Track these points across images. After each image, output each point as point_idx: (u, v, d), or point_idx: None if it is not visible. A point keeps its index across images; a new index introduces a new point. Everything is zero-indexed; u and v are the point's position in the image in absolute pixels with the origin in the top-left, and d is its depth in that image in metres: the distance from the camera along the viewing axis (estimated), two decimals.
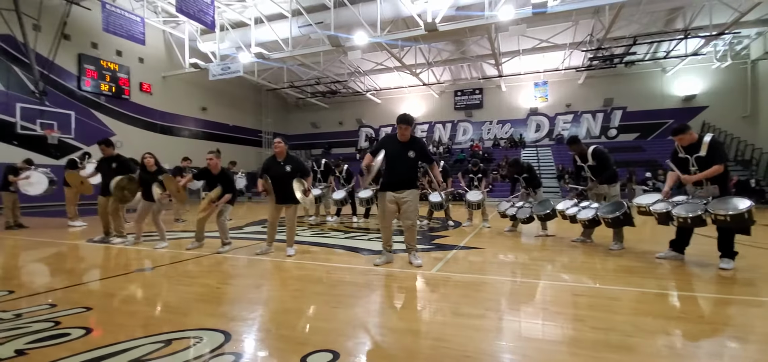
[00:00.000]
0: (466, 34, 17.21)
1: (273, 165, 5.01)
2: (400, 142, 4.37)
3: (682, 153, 4.32)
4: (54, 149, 14.84)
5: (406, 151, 4.32)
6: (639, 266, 4.30)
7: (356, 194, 8.97)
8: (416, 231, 4.50)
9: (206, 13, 14.50)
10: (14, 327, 2.51)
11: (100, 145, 6.27)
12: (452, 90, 25.20)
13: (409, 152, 4.31)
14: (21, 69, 14.15)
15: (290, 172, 4.93)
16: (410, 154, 4.31)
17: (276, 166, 4.98)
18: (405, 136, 4.33)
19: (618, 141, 21.75)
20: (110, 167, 6.13)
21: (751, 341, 2.37)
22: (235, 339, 2.32)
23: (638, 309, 2.93)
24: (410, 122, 4.33)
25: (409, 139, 4.36)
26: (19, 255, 5.47)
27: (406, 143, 4.35)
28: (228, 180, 5.47)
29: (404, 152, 4.31)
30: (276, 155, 5.04)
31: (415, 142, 4.39)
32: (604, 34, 15.08)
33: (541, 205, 6.38)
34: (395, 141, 4.39)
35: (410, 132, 4.35)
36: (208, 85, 20.57)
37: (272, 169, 4.98)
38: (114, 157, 6.23)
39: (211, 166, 5.43)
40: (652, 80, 21.59)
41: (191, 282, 3.79)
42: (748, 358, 2.17)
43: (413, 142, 4.38)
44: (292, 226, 5.09)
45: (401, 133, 4.34)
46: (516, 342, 2.34)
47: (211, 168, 5.43)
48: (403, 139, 4.34)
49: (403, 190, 4.31)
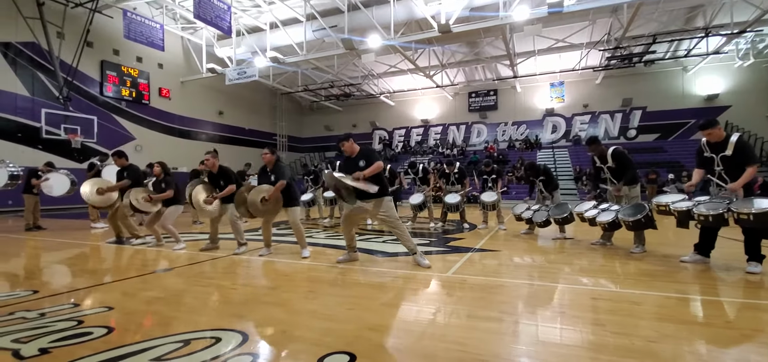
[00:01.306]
0: (481, 35, 17.10)
1: (262, 174, 5.28)
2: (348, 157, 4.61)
3: (708, 152, 4.18)
4: (77, 153, 15.32)
5: (356, 162, 4.48)
6: (662, 270, 4.18)
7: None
8: (408, 234, 4.60)
9: (223, 19, 14.77)
10: (38, 326, 2.58)
11: (113, 156, 6.62)
12: (466, 91, 25.04)
13: (360, 162, 4.46)
14: (46, 75, 14.67)
15: (274, 181, 5.08)
16: (360, 163, 4.45)
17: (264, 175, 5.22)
18: (350, 150, 4.57)
19: (638, 142, 21.24)
20: (122, 177, 6.40)
21: None
22: (252, 339, 2.33)
23: (661, 313, 2.84)
24: (346, 138, 4.59)
25: (358, 151, 4.58)
26: (42, 256, 5.65)
27: (354, 157, 4.55)
28: (227, 176, 5.60)
29: (354, 165, 4.48)
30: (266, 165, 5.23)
31: (361, 152, 4.58)
32: (623, 33, 14.78)
33: (558, 208, 6.26)
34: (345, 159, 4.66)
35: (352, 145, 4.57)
36: (224, 90, 20.93)
37: (261, 178, 5.23)
38: (126, 167, 6.50)
39: (208, 165, 5.60)
40: (672, 79, 21.04)
41: (208, 283, 3.84)
42: None
43: (360, 154, 4.56)
44: (297, 229, 5.16)
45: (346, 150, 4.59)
46: (534, 346, 2.29)
47: (210, 167, 5.59)
48: (351, 153, 4.57)
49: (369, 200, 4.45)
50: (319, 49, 17.39)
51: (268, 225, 5.29)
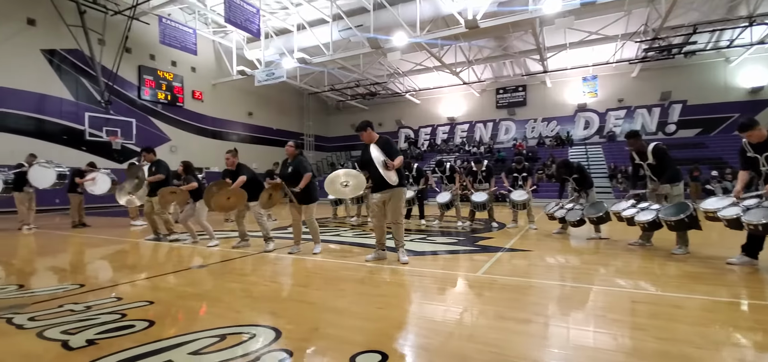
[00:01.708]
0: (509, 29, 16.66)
1: (282, 166, 5.45)
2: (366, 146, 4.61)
3: (751, 152, 3.92)
4: (117, 154, 16.13)
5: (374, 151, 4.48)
6: (706, 272, 3.94)
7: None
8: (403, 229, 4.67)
9: (252, 22, 15.14)
10: (85, 319, 2.72)
11: (143, 152, 6.97)
12: (494, 88, 24.57)
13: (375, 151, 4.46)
14: (88, 81, 15.51)
15: (290, 173, 5.16)
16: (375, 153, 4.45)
17: (284, 168, 5.37)
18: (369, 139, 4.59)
19: (677, 137, 20.17)
20: (150, 172, 6.72)
21: None
22: (285, 336, 2.37)
23: (707, 318, 2.68)
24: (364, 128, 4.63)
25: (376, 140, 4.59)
26: (86, 251, 5.97)
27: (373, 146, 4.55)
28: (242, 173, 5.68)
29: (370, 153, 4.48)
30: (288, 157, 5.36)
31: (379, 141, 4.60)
32: (661, 23, 14.05)
33: (593, 207, 6.03)
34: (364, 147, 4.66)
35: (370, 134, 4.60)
36: (254, 91, 21.47)
37: (281, 170, 5.40)
38: (155, 162, 6.82)
39: (228, 163, 5.77)
40: (714, 71, 19.84)
41: (241, 280, 3.94)
42: None
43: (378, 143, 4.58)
44: (312, 225, 5.28)
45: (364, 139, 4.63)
46: (573, 351, 2.20)
47: (228, 165, 5.76)
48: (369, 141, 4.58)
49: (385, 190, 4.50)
50: (345, 49, 17.52)
51: (299, 223, 5.36)
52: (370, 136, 4.61)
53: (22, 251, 6.06)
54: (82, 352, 2.16)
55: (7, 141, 13.10)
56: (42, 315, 2.79)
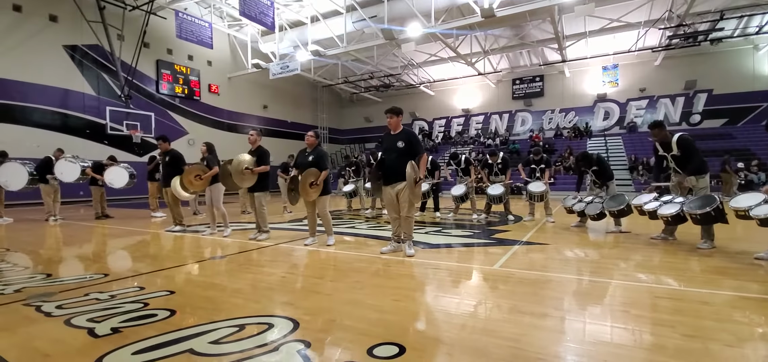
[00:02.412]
0: (526, 18, 16.31)
1: (300, 155, 5.41)
2: (389, 133, 4.53)
3: None
4: (137, 147, 16.51)
5: (396, 141, 4.43)
6: (733, 267, 3.81)
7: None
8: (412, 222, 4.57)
9: (266, 15, 15.19)
10: (110, 307, 2.79)
11: (158, 140, 7.19)
12: (510, 78, 24.15)
13: (399, 143, 4.41)
14: (109, 76, 15.86)
15: (310, 162, 5.16)
16: (399, 144, 4.40)
17: (302, 156, 5.34)
18: (395, 126, 4.50)
19: (702, 127, 19.49)
20: (164, 161, 6.93)
21: None
22: (303, 327, 2.39)
23: (735, 315, 2.59)
24: (397, 113, 4.53)
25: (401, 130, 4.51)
26: (109, 242, 6.14)
27: (395, 134, 4.49)
28: (262, 154, 5.76)
29: (394, 143, 4.43)
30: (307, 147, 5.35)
31: (403, 132, 4.52)
32: (687, 9, 13.55)
33: (613, 200, 5.89)
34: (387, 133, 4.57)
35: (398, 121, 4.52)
36: (268, 84, 21.62)
37: (299, 159, 5.37)
38: (168, 152, 7.02)
39: (250, 141, 5.83)
40: (741, 59, 19.03)
41: (259, 271, 4.00)
42: None
43: (402, 134, 4.49)
44: (325, 217, 5.29)
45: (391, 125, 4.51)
46: (591, 345, 2.16)
47: (250, 143, 5.82)
48: (395, 128, 4.49)
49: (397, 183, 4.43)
50: (359, 41, 17.45)
51: (313, 214, 5.39)
52: (397, 124, 4.54)
53: (50, 241, 6.27)
54: (107, 340, 2.22)
55: (33, 135, 13.53)
56: (69, 303, 2.89)
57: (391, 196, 4.55)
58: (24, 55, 13.52)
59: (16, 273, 3.98)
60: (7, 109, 13.17)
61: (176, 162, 6.99)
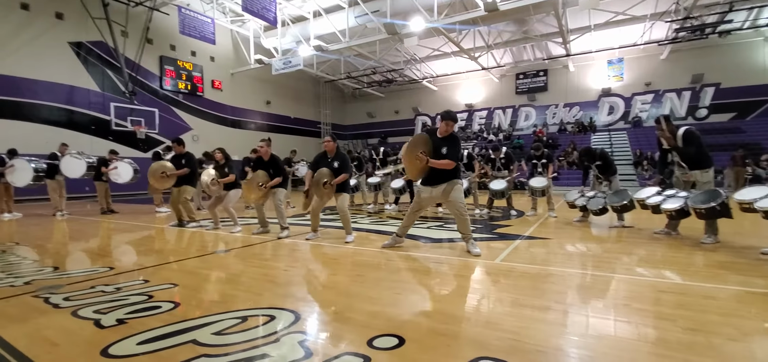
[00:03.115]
0: (530, 12, 16.19)
1: (321, 160, 5.37)
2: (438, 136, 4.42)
3: None
4: (142, 143, 16.61)
5: (440, 146, 4.34)
6: (738, 262, 3.79)
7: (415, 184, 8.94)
8: (468, 220, 4.41)
9: (269, 10, 15.18)
10: (115, 299, 2.83)
11: (173, 143, 7.07)
12: (513, 73, 23.99)
13: (443, 149, 4.33)
14: (113, 72, 15.94)
15: (337, 168, 5.19)
16: (443, 151, 4.32)
17: (324, 162, 5.32)
18: (445, 131, 4.38)
19: (709, 122, 19.25)
20: (180, 163, 6.83)
21: None
22: (304, 318, 2.41)
23: (740, 310, 2.58)
24: (453, 118, 4.42)
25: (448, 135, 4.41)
26: (114, 236, 6.20)
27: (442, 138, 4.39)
28: (277, 165, 5.79)
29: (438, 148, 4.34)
30: (327, 152, 5.35)
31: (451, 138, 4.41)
32: (694, 1, 13.35)
33: (616, 195, 5.86)
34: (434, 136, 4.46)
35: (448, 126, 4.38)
36: (271, 80, 21.63)
37: (320, 164, 5.31)
38: (183, 155, 6.93)
39: (261, 153, 5.79)
40: (751, 51, 18.74)
41: (261, 265, 4.03)
42: None
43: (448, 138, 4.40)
44: (344, 215, 5.25)
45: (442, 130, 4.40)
46: (592, 339, 2.16)
47: (263, 155, 5.79)
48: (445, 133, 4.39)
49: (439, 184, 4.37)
50: (361, 36, 17.40)
51: (317, 211, 5.41)
52: (447, 130, 4.40)
53: (57, 235, 6.35)
54: (113, 330, 2.26)
55: (41, 132, 13.64)
56: (76, 296, 2.93)
57: (428, 198, 4.51)
58: (32, 52, 13.62)
59: (25, 267, 4.03)
60: (17, 106, 13.30)
61: (192, 164, 6.92)
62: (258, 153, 5.88)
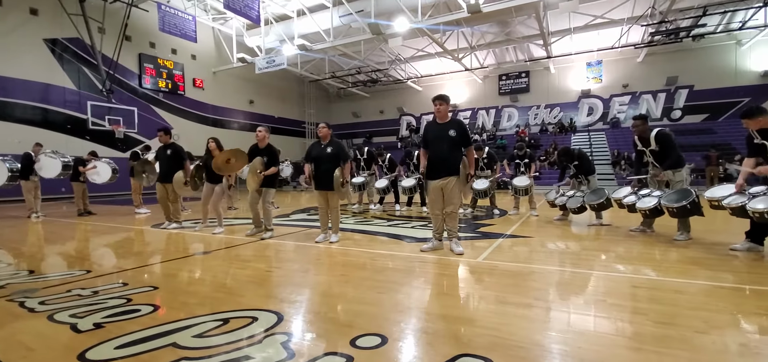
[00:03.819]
0: (512, 14, 16.47)
1: (315, 147, 5.18)
2: (436, 121, 4.28)
3: (759, 138, 3.89)
4: (120, 143, 16.19)
5: (447, 130, 4.17)
6: (709, 258, 3.95)
7: (399, 183, 8.99)
8: (458, 218, 4.41)
9: (251, 8, 15.00)
10: (92, 303, 2.77)
11: (159, 132, 6.82)
12: (496, 74, 24.35)
13: (451, 131, 4.15)
14: (90, 69, 15.49)
15: (331, 154, 5.00)
16: (451, 133, 4.14)
17: (318, 148, 5.12)
18: (443, 116, 4.23)
19: (683, 123, 19.97)
20: (165, 154, 6.62)
21: None
22: (286, 320, 2.41)
23: (708, 303, 2.69)
24: (446, 100, 4.23)
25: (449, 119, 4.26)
26: (92, 239, 6.04)
27: (445, 123, 4.25)
28: (273, 154, 5.55)
29: (445, 132, 4.17)
30: (321, 138, 5.16)
31: (454, 122, 4.28)
32: (669, 6, 13.80)
33: (594, 194, 6.02)
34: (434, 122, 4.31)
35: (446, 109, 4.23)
36: (254, 79, 21.39)
37: (314, 151, 5.15)
38: (169, 145, 6.71)
39: (259, 138, 5.58)
40: (724, 54, 19.51)
41: (244, 266, 3.99)
42: None
43: (452, 123, 4.26)
44: (336, 214, 5.19)
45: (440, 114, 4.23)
46: (572, 334, 2.23)
47: (259, 141, 5.57)
48: (443, 118, 4.25)
49: (447, 177, 4.22)
50: (345, 35, 17.37)
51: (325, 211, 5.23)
52: (446, 113, 4.22)
53: (32, 238, 6.14)
54: (90, 335, 2.21)
55: (14, 131, 13.16)
56: (52, 299, 2.85)
57: (438, 190, 4.28)
58: (5, 49, 13.13)
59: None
60: None
61: (178, 156, 6.66)
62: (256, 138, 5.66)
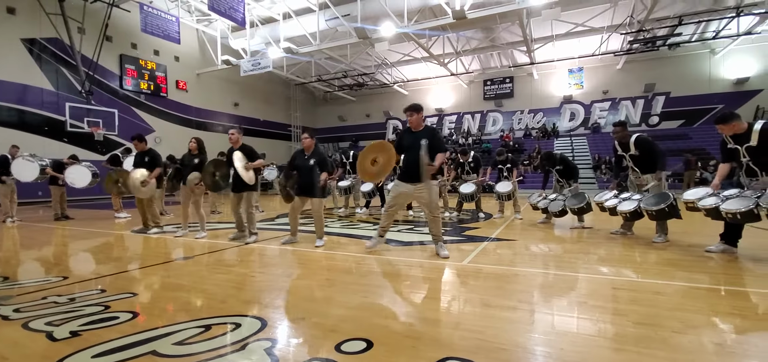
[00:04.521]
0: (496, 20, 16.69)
1: (298, 156, 5.23)
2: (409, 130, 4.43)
3: (732, 143, 4.04)
4: (100, 146, 15.77)
5: (419, 139, 4.28)
6: (686, 259, 4.07)
7: (385, 186, 8.99)
8: (440, 222, 4.47)
9: (237, 10, 14.86)
10: (69, 311, 2.68)
11: (133, 140, 6.67)
12: (481, 79, 24.67)
13: (422, 140, 4.26)
14: (69, 70, 15.08)
15: (313, 166, 5.05)
16: (423, 142, 4.25)
17: (300, 158, 5.17)
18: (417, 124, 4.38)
19: (660, 128, 20.61)
20: (143, 161, 6.48)
21: None
22: (271, 325, 2.38)
23: (686, 304, 2.77)
24: (418, 110, 4.39)
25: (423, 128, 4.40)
26: (70, 244, 5.86)
27: (418, 132, 4.38)
28: (250, 150, 5.59)
29: (417, 141, 4.28)
30: (304, 149, 5.19)
31: (426, 130, 4.40)
32: (646, 15, 14.23)
33: (575, 198, 6.14)
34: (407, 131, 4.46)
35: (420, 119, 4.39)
36: (239, 81, 21.14)
37: (297, 161, 5.20)
38: (146, 152, 6.59)
39: (232, 140, 5.61)
40: (699, 63, 20.24)
41: (227, 271, 3.92)
42: None
43: (425, 131, 4.38)
44: (319, 218, 5.17)
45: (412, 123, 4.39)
46: (554, 336, 2.26)
47: (233, 143, 5.60)
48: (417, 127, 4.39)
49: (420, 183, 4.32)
50: (332, 39, 17.35)
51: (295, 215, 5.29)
52: (418, 121, 4.36)
53: (7, 243, 5.92)
54: (66, 343, 2.14)
55: None
56: (27, 307, 2.76)
57: (406, 196, 4.43)
58: None
59: None
60: None
61: (155, 162, 6.54)
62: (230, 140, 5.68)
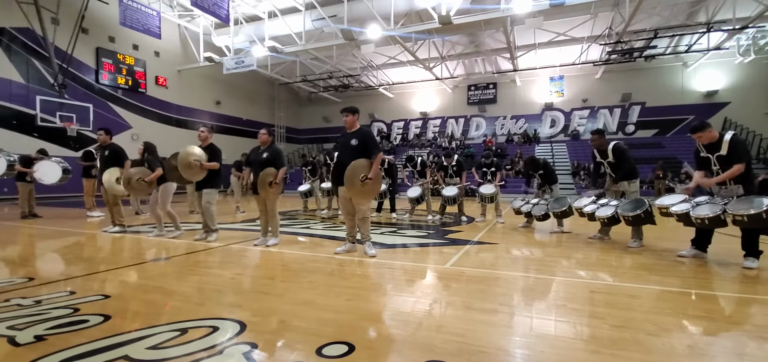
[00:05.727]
0: (481, 27, 16.99)
1: (253, 152, 5.28)
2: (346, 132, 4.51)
3: (704, 152, 4.21)
4: (73, 141, 15.20)
5: (349, 140, 4.38)
6: (659, 264, 4.19)
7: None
8: (369, 222, 4.59)
9: (220, 7, 14.61)
10: (34, 314, 2.55)
11: (99, 132, 6.53)
12: (466, 84, 24.96)
13: (352, 141, 4.36)
14: (40, 62, 14.49)
15: (265, 160, 5.05)
16: (352, 142, 4.34)
17: (255, 153, 5.22)
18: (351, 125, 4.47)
19: (636, 137, 21.28)
20: (103, 155, 6.30)
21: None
22: (250, 329, 2.32)
23: (659, 307, 2.84)
24: (353, 111, 4.48)
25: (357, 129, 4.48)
26: (37, 243, 5.60)
27: (351, 132, 4.46)
28: (213, 151, 5.54)
29: (347, 142, 4.37)
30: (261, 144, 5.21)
31: (359, 132, 4.47)
32: (624, 27, 14.70)
33: (557, 202, 6.26)
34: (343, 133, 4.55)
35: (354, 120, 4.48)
36: (222, 79, 20.78)
37: (252, 156, 5.24)
38: (108, 145, 6.44)
39: (200, 138, 5.59)
40: (672, 75, 21.03)
41: (205, 273, 3.82)
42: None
43: (357, 133, 4.45)
44: (273, 215, 5.15)
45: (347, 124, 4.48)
46: (533, 338, 2.28)
47: (200, 140, 5.57)
48: (351, 127, 4.48)
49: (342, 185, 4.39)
50: (318, 40, 17.25)
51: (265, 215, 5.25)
52: (353, 123, 4.48)
53: None
54: (30, 348, 2.03)
55: None
56: None
57: (345, 197, 4.51)
58: None
59: None
60: None
61: (116, 157, 6.43)
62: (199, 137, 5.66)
